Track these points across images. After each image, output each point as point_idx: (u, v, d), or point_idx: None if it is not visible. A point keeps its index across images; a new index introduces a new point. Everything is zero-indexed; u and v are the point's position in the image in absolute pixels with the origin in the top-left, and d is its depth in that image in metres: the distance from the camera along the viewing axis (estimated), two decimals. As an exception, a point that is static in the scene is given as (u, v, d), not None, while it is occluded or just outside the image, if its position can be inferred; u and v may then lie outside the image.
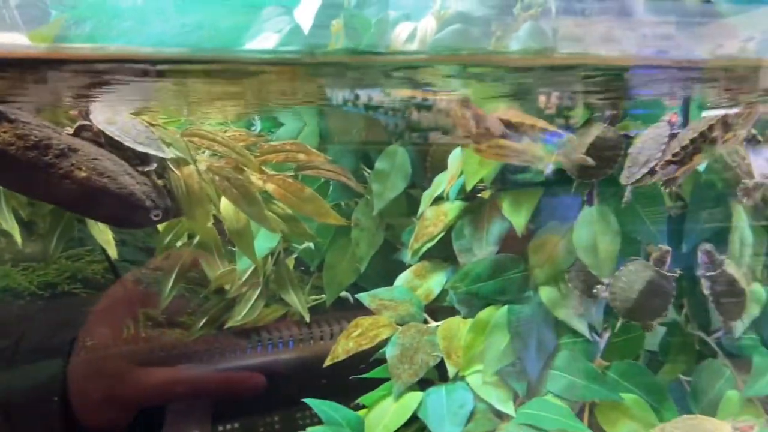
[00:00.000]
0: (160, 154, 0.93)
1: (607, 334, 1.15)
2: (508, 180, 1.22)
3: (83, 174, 0.80)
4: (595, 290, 1.09)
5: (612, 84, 1.23)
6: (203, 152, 1.08)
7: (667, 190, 1.06)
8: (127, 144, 0.89)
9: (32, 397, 1.16)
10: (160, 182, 0.97)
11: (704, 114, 1.09)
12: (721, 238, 1.13)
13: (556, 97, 1.29)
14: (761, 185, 1.06)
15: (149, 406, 1.21)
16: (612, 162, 1.08)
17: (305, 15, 1.37)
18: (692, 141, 0.99)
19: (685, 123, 1.12)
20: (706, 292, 1.11)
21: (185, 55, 1.02)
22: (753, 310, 1.14)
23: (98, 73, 0.94)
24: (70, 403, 1.14)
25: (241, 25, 1.57)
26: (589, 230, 1.13)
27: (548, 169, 1.13)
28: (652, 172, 1.05)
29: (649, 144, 1.06)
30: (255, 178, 1.09)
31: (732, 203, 1.14)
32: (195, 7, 1.60)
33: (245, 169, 1.08)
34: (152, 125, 1.00)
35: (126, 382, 1.22)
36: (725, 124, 0.96)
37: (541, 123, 1.05)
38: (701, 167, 1.15)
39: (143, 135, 0.93)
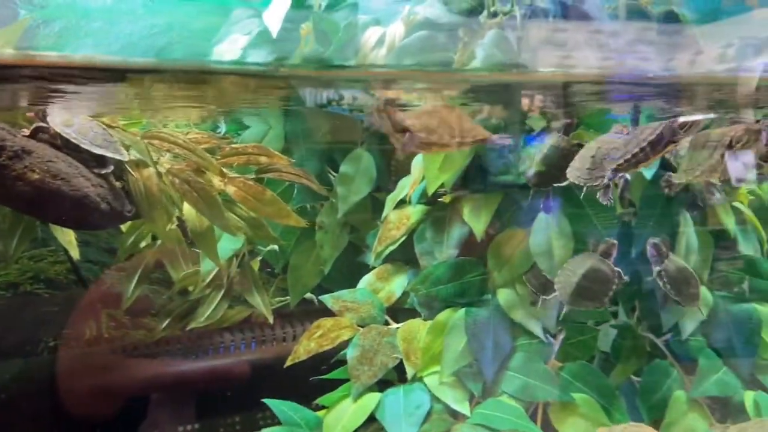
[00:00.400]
0: (118, 157, 0.94)
1: (561, 336, 1.18)
2: (469, 185, 1.24)
3: (36, 176, 0.80)
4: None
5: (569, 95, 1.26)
6: (165, 155, 1.09)
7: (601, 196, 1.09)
8: (84, 146, 0.90)
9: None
10: (118, 184, 0.97)
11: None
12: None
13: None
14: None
15: (137, 396, 1.21)
16: (565, 171, 1.11)
17: (274, 18, 1.38)
18: (641, 150, 1.02)
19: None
20: (660, 282, 1.14)
21: (151, 64, 1.02)
22: (699, 314, 1.18)
23: (62, 78, 0.94)
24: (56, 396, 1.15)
25: (210, 27, 1.57)
26: (545, 235, 1.16)
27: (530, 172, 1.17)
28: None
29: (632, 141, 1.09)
30: (216, 181, 1.10)
31: (680, 209, 1.18)
32: (164, 8, 1.60)
33: (206, 171, 1.09)
34: (111, 127, 1.01)
35: (114, 373, 1.22)
36: (672, 132, 0.99)
37: (476, 130, 1.06)
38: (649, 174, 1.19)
39: (101, 137, 0.93)
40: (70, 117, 0.92)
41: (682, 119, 1.03)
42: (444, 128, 1.03)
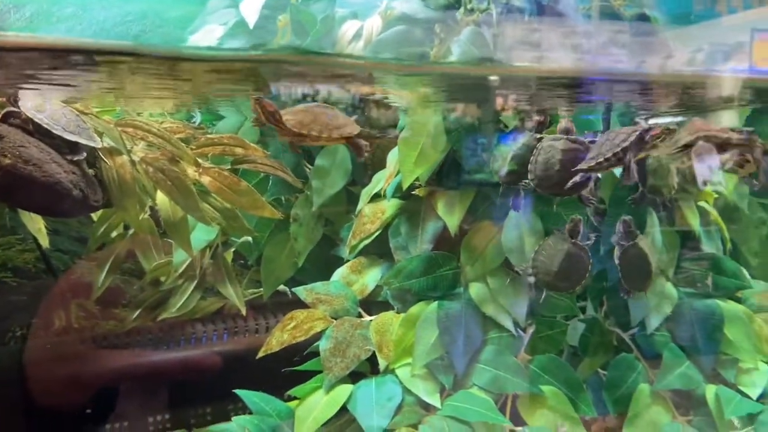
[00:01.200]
0: (90, 144, 0.93)
1: (531, 330, 1.20)
2: (443, 180, 1.25)
3: (8, 161, 0.79)
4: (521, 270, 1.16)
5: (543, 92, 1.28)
6: (139, 143, 1.08)
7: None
8: (56, 132, 0.88)
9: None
10: (91, 172, 0.96)
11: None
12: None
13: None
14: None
15: (106, 386, 1.20)
16: None
17: (251, 9, 1.37)
18: (614, 155, 1.04)
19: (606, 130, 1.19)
20: (617, 261, 1.16)
21: (127, 48, 1.00)
22: (665, 309, 1.21)
23: (34, 61, 0.92)
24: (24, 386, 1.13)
25: (186, 16, 1.56)
26: (516, 232, 1.18)
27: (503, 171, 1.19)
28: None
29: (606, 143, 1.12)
30: (190, 171, 1.10)
31: (648, 209, 1.21)
32: (139, -4, 1.57)
33: (180, 161, 1.08)
34: (84, 114, 0.99)
35: (84, 363, 1.20)
36: (641, 140, 1.02)
37: (347, 128, 1.10)
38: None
39: (73, 123, 0.92)
40: (43, 102, 0.91)
41: (656, 127, 1.06)
42: (315, 124, 1.07)
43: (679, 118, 1.41)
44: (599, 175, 1.18)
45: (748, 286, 1.27)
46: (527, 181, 1.11)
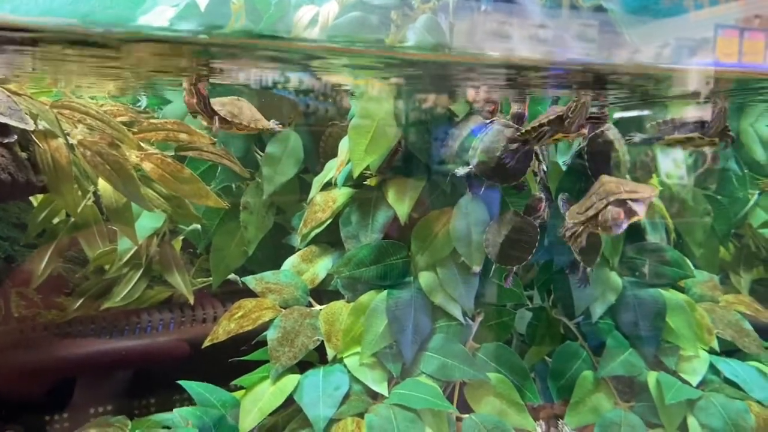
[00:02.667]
0: (22, 126, 0.89)
1: (479, 318, 1.21)
2: (394, 168, 1.25)
3: (-73, 143, 0.75)
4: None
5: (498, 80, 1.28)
6: (78, 127, 1.04)
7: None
8: (-16, 114, 0.85)
9: None
10: (23, 155, 0.92)
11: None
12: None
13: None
14: None
15: (47, 377, 1.16)
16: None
17: (204, -10, 1.33)
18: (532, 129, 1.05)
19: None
20: (567, 235, 1.16)
21: (72, 28, 0.96)
22: (609, 298, 1.23)
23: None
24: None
25: (138, -2, 1.51)
26: (464, 221, 1.18)
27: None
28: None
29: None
30: (132, 156, 1.06)
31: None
32: (90, -23, 1.51)
33: (121, 145, 1.05)
34: (18, 95, 0.95)
35: (49, 352, 1.17)
36: (559, 119, 1.03)
37: (261, 121, 1.19)
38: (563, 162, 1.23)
39: (4, 105, 0.88)
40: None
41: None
42: (242, 116, 1.15)
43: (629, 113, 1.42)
44: (545, 167, 1.19)
45: (691, 276, 1.30)
46: (471, 167, 1.12)
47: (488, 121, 1.15)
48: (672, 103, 1.38)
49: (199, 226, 1.39)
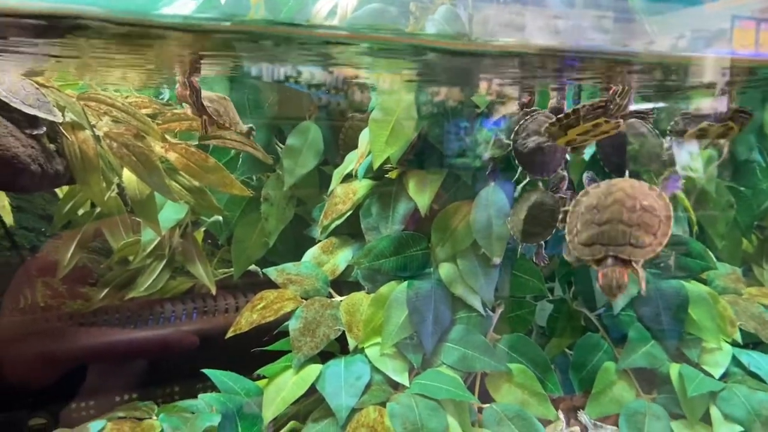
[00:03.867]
0: (50, 118, 0.90)
1: (500, 310, 1.21)
2: (414, 160, 1.25)
3: (-39, 134, 0.77)
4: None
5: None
6: (104, 119, 1.05)
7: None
8: (14, 105, 0.86)
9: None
10: (52, 146, 0.94)
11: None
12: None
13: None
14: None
15: (73, 365, 1.19)
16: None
17: (224, -18, 1.34)
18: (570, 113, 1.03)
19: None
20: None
21: (99, 14, 0.97)
22: (631, 290, 1.23)
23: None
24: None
25: (159, -9, 1.52)
26: (485, 213, 1.18)
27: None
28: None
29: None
30: (157, 147, 1.08)
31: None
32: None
33: (146, 136, 1.06)
34: (45, 87, 0.97)
35: (74, 341, 1.20)
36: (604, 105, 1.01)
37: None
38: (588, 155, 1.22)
39: (33, 97, 0.90)
40: (1, 74, 0.88)
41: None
42: (226, 115, 1.15)
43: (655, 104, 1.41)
44: (568, 157, 1.19)
45: (714, 268, 1.29)
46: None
47: (524, 111, 1.14)
48: (694, 93, 1.37)
49: (220, 218, 1.41)
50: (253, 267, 1.42)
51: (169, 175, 1.15)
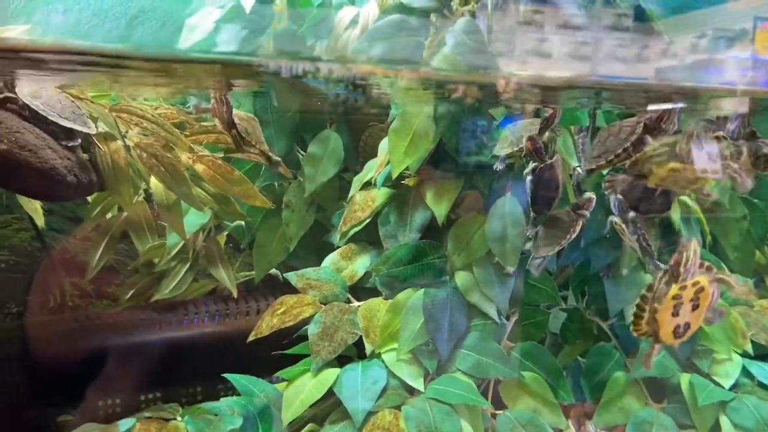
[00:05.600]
0: (85, 130, 0.94)
1: (514, 318, 1.24)
2: (432, 169, 1.28)
3: (3, 147, 0.81)
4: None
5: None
6: (133, 129, 1.09)
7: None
8: (51, 118, 0.90)
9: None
10: (85, 157, 0.98)
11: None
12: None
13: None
14: None
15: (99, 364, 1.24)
16: None
17: (248, -9, 1.38)
18: (624, 150, 1.06)
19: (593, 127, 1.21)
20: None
21: (124, 51, 1.01)
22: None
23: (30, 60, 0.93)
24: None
25: (183, -4, 1.56)
26: (500, 222, 1.21)
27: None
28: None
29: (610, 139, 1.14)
30: (184, 157, 1.12)
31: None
32: (139, -24, 1.57)
33: (174, 147, 1.10)
34: (79, 99, 1.01)
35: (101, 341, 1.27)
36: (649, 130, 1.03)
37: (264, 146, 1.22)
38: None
39: (69, 110, 0.94)
40: (39, 88, 0.92)
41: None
42: (253, 135, 1.20)
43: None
44: (581, 170, 1.21)
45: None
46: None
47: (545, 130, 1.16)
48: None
49: (243, 223, 1.45)
50: (273, 270, 1.45)
51: (195, 183, 1.19)
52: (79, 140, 0.94)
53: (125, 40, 1.60)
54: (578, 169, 1.21)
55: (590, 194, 1.17)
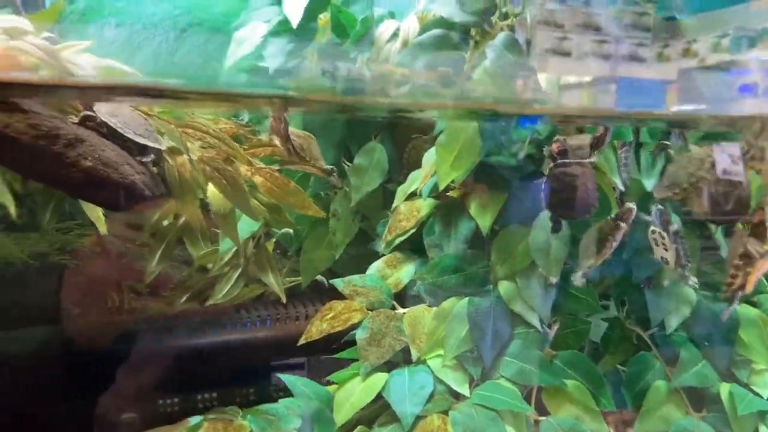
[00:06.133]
0: (157, 146, 1.01)
1: (555, 327, 1.27)
2: (477, 182, 1.32)
3: (89, 164, 0.87)
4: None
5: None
6: (194, 143, 1.15)
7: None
8: (128, 135, 0.96)
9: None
10: (155, 170, 1.04)
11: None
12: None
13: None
14: None
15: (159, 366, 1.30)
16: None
17: (294, 8, 1.44)
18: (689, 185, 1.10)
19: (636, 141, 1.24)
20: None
21: (181, 87, 1.07)
22: (684, 311, 1.28)
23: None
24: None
25: (230, 11, 1.64)
26: (544, 234, 1.24)
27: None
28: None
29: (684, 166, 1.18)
30: (243, 170, 1.17)
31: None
32: (186, -10, 1.65)
33: (234, 160, 1.16)
34: (149, 116, 1.07)
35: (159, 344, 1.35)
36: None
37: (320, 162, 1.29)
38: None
39: (143, 127, 1.00)
40: (116, 107, 0.98)
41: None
42: (309, 151, 1.27)
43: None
44: (625, 183, 1.24)
45: (765, 292, 1.33)
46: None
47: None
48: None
49: (290, 231, 1.50)
50: (318, 277, 1.51)
51: (250, 193, 1.25)
52: (153, 156, 1.00)
53: (174, 53, 1.68)
54: (617, 182, 1.23)
55: (631, 205, 1.20)
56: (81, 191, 0.91)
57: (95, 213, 1.32)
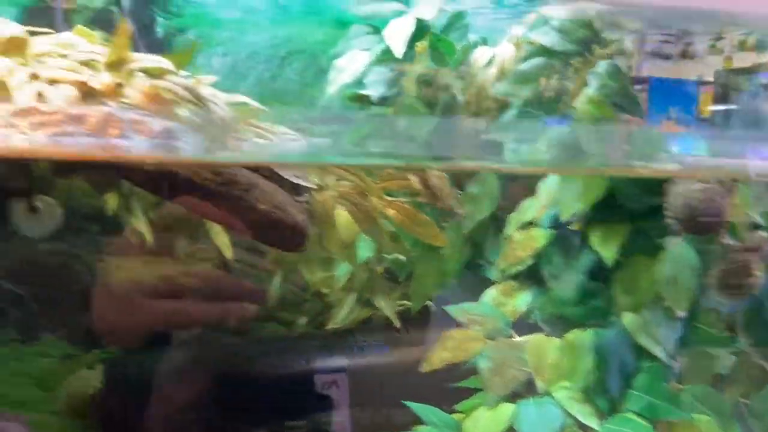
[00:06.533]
0: (310, 185, 1.05)
1: (681, 359, 1.27)
2: (598, 213, 1.32)
3: (263, 206, 0.91)
4: None
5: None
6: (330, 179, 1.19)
7: None
8: (286, 176, 1.01)
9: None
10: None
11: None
12: None
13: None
14: None
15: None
16: None
17: (396, 37, 1.48)
18: None
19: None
20: None
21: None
22: (818, 348, 1.26)
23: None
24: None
25: (328, 40, 1.69)
26: (673, 267, 1.24)
27: None
28: None
29: None
30: (376, 202, 1.21)
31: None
32: (287, 21, 1.72)
33: (368, 194, 1.19)
34: (295, 153, 1.11)
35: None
36: None
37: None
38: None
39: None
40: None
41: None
42: (442, 190, 1.32)
43: None
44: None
45: None
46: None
47: None
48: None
49: (400, 256, 1.53)
50: (429, 303, 1.53)
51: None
52: (307, 195, 1.04)
53: (275, 80, 1.73)
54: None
55: (765, 233, 1.19)
56: (259, 233, 0.96)
57: (223, 239, 1.38)
